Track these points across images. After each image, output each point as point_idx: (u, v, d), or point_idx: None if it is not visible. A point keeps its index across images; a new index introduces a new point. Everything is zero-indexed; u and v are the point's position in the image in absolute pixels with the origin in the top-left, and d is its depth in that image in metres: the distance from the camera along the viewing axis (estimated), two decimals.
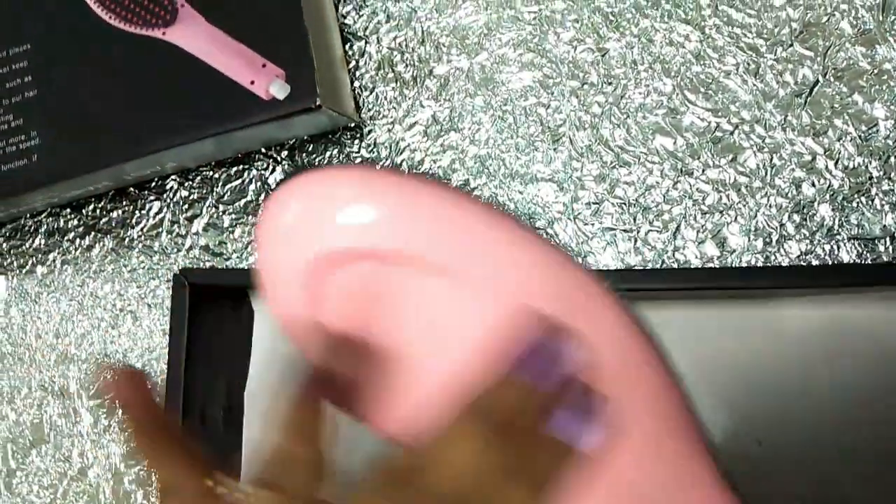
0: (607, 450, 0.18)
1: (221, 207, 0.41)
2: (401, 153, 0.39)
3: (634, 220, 0.36)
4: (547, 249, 0.18)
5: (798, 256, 0.34)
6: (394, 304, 0.18)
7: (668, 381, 0.19)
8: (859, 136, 0.34)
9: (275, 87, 0.35)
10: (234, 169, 0.41)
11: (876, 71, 0.34)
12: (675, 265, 0.35)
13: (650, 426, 0.18)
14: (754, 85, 0.35)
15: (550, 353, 0.17)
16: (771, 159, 0.35)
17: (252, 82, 0.35)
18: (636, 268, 0.35)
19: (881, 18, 0.34)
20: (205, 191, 0.42)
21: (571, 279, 0.18)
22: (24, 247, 0.45)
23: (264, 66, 0.35)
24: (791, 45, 0.35)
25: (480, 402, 0.17)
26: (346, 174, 0.17)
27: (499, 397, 0.17)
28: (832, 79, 0.34)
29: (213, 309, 0.37)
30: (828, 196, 0.34)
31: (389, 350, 0.18)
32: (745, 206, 0.35)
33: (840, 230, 0.34)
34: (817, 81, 0.35)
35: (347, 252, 0.17)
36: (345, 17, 0.40)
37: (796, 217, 0.34)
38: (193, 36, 0.36)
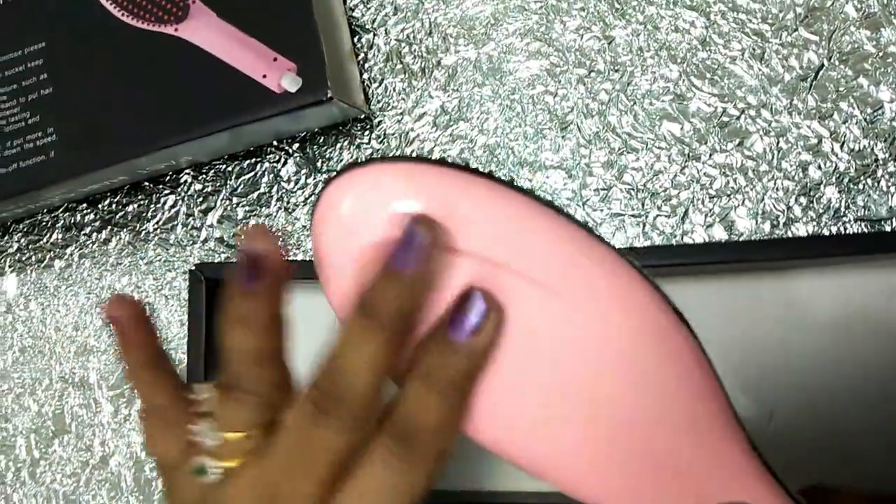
0: (492, 344, 0.18)
1: (235, 200, 0.42)
2: (410, 143, 0.40)
3: (643, 205, 0.36)
4: (582, 235, 0.18)
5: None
6: (438, 288, 0.19)
7: (701, 359, 0.19)
8: (865, 119, 0.34)
9: (287, 81, 0.35)
10: (247, 162, 0.42)
11: (881, 54, 0.34)
12: None
13: (686, 403, 0.19)
14: (760, 70, 0.35)
15: (413, 240, 0.18)
16: (777, 143, 0.35)
17: (264, 76, 0.35)
18: (644, 245, 0.36)
19: (886, 2, 0.34)
20: (218, 184, 0.42)
21: (607, 262, 0.18)
22: (41, 242, 0.46)
23: (276, 59, 0.35)
24: (796, 29, 0.35)
25: (364, 300, 0.18)
26: (395, 168, 0.18)
27: (379, 292, 0.18)
28: (837, 62, 0.35)
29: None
30: (834, 178, 0.34)
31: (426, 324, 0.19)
32: (752, 189, 0.35)
33: (846, 212, 0.34)
34: (822, 65, 0.35)
35: (394, 242, 0.18)
36: (353, 10, 0.41)
37: (803, 199, 0.35)
38: (205, 31, 0.36)
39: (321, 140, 0.41)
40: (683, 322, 0.19)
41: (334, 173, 0.19)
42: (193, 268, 0.37)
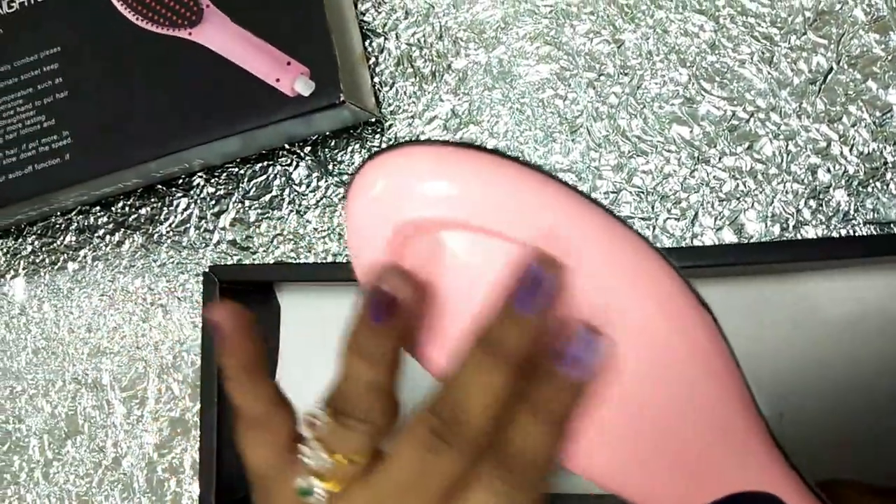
0: (602, 383, 0.19)
1: (247, 203, 0.42)
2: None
3: (652, 208, 0.36)
4: (614, 224, 0.19)
5: None
6: (464, 266, 0.19)
7: (731, 361, 0.20)
8: (874, 122, 0.34)
9: (300, 84, 0.35)
10: (259, 165, 0.42)
11: (890, 57, 0.35)
12: None
13: (712, 397, 0.19)
14: (769, 73, 0.36)
15: (541, 285, 0.18)
16: (786, 146, 0.35)
17: (277, 80, 0.36)
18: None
19: (894, 5, 0.35)
20: (231, 187, 0.43)
21: (641, 255, 0.19)
22: (55, 244, 0.46)
23: (289, 63, 0.36)
24: (805, 33, 0.35)
25: (487, 336, 0.19)
26: (427, 150, 0.18)
27: (502, 330, 0.19)
28: (846, 66, 0.35)
29: (242, 304, 0.38)
30: (843, 181, 0.35)
31: (453, 301, 0.19)
32: (761, 192, 0.35)
33: (856, 215, 0.34)
34: (831, 69, 0.35)
35: (425, 221, 0.18)
36: (364, 15, 0.41)
37: (812, 203, 0.35)
38: (219, 36, 0.37)
39: (332, 143, 0.41)
40: (713, 318, 0.19)
41: (369, 155, 0.19)
42: (207, 270, 0.37)
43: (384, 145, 0.40)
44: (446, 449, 0.18)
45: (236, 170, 0.43)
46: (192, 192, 0.43)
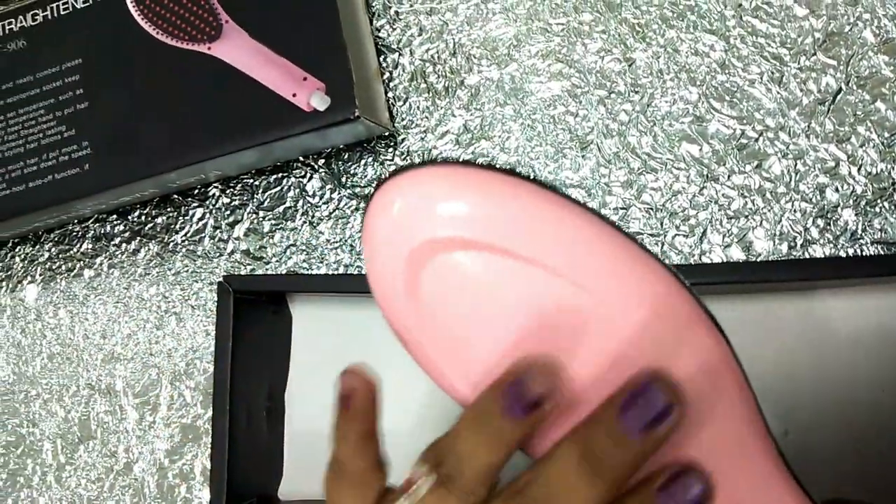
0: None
1: (261, 213, 0.43)
2: None
3: (661, 224, 0.37)
4: (633, 248, 0.19)
5: None
6: (481, 287, 0.19)
7: (743, 383, 0.20)
8: (882, 143, 0.35)
9: (316, 99, 0.36)
10: (274, 177, 0.43)
11: None
12: None
13: (719, 411, 0.19)
14: (778, 93, 0.36)
15: (655, 409, 0.18)
16: (795, 165, 0.36)
17: (294, 94, 0.36)
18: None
19: None
20: (245, 197, 0.43)
21: (661, 282, 0.19)
22: (71, 251, 0.47)
23: (305, 79, 0.37)
24: (814, 54, 0.36)
25: (585, 444, 0.18)
26: (443, 170, 0.19)
27: (601, 444, 0.18)
28: (855, 87, 0.35)
29: (255, 314, 0.39)
30: (851, 201, 0.35)
31: (471, 322, 0.20)
32: (769, 210, 0.36)
33: (863, 234, 0.35)
34: (840, 89, 0.35)
35: (442, 241, 0.19)
36: (379, 31, 0.42)
37: (820, 222, 0.35)
38: (237, 50, 0.38)
39: (346, 156, 0.42)
40: (726, 340, 0.20)
41: (387, 175, 0.19)
42: (221, 279, 0.38)
43: (397, 159, 0.41)
44: None
45: (251, 181, 0.43)
46: (207, 203, 0.44)
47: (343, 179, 0.42)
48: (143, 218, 0.45)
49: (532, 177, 0.19)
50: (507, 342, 0.19)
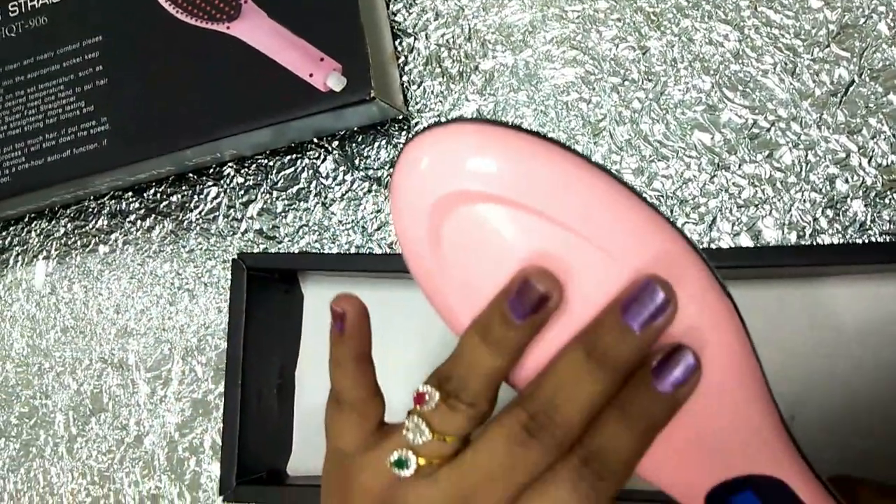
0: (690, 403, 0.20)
1: (275, 194, 0.43)
2: None
3: (672, 212, 0.37)
4: (653, 215, 0.20)
5: None
6: (501, 240, 0.20)
7: (749, 349, 0.20)
8: (893, 135, 0.35)
9: (332, 80, 0.37)
10: (288, 157, 0.43)
11: None
12: None
13: (726, 379, 0.20)
14: (791, 84, 0.36)
15: (653, 304, 0.19)
16: (806, 156, 0.36)
17: (311, 75, 0.37)
18: None
19: None
20: (260, 178, 0.44)
21: (678, 247, 0.20)
22: (87, 227, 0.47)
23: (322, 60, 0.37)
24: (828, 45, 0.36)
25: (595, 342, 0.19)
26: (472, 127, 0.19)
27: (611, 340, 0.19)
28: (868, 79, 0.35)
29: (268, 292, 0.39)
30: (861, 192, 0.35)
31: (489, 274, 0.20)
32: (779, 200, 0.36)
33: (872, 225, 0.35)
34: (853, 81, 0.36)
35: (467, 195, 0.19)
36: (395, 15, 0.42)
37: (829, 212, 0.35)
38: (256, 30, 0.38)
39: (360, 139, 0.42)
40: (737, 311, 0.20)
41: (417, 131, 0.20)
42: (235, 257, 0.38)
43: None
44: (536, 445, 0.19)
45: (266, 161, 0.44)
46: (222, 182, 0.45)
47: (356, 161, 0.42)
48: (158, 195, 0.46)
49: (560, 140, 0.20)
50: None
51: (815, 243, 0.35)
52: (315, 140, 0.43)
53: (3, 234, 0.49)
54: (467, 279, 0.20)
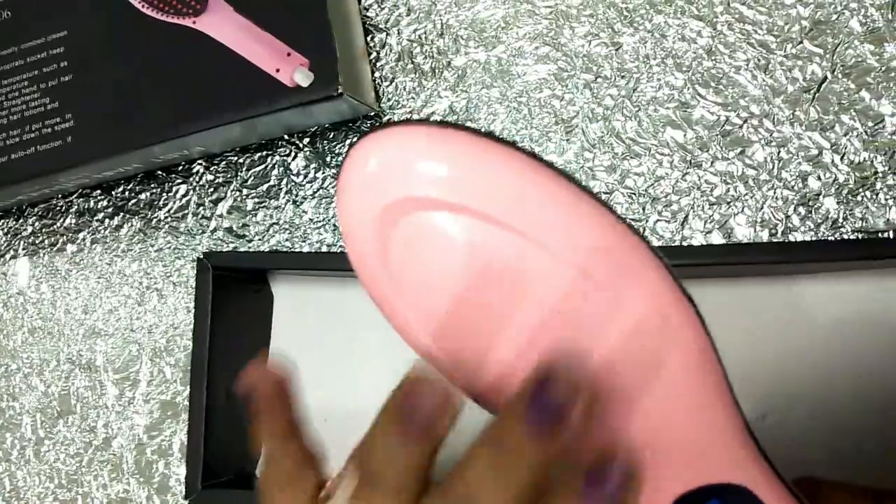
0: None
1: (245, 191, 0.43)
2: None
3: (644, 209, 0.37)
4: (603, 211, 0.19)
5: None
6: (450, 247, 0.19)
7: (710, 350, 0.20)
8: (865, 132, 0.35)
9: (299, 75, 0.36)
10: (258, 154, 0.43)
11: (884, 68, 0.35)
12: None
13: (686, 382, 0.19)
14: (764, 80, 0.36)
15: (556, 408, 0.17)
16: (778, 153, 0.36)
17: (277, 70, 0.36)
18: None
19: (890, 17, 0.35)
20: (229, 175, 0.43)
21: (631, 245, 0.19)
22: (55, 226, 0.47)
23: (289, 55, 0.36)
24: (801, 42, 0.36)
25: (495, 442, 0.18)
26: (421, 129, 0.19)
27: (511, 441, 0.18)
28: (840, 75, 0.35)
29: (237, 292, 0.39)
30: (833, 190, 0.35)
31: (437, 281, 0.20)
32: (752, 197, 0.36)
33: (844, 223, 0.35)
34: (825, 78, 0.35)
35: (417, 200, 0.19)
36: (367, 10, 0.42)
37: (802, 210, 0.35)
38: (222, 25, 0.37)
39: (331, 135, 0.42)
40: (696, 311, 0.20)
41: (363, 133, 0.19)
42: (201, 256, 0.37)
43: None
44: None
45: (235, 158, 0.43)
46: (191, 179, 0.44)
47: (328, 159, 0.42)
48: (126, 193, 0.45)
49: (512, 141, 0.19)
50: (466, 298, 0.20)
51: (786, 240, 0.35)
52: (286, 137, 0.42)
53: None
54: (416, 287, 0.20)
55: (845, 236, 0.34)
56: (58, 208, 0.47)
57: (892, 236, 0.34)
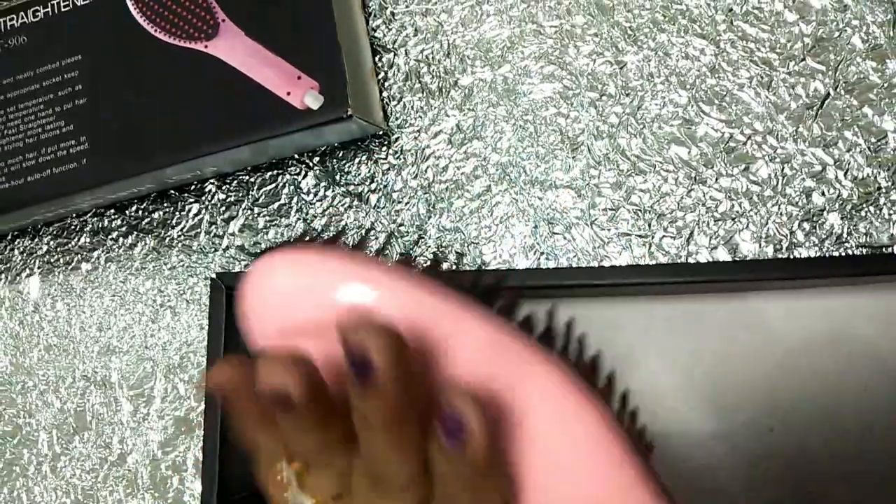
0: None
1: (256, 210, 0.43)
2: (426, 160, 0.41)
3: (649, 226, 0.37)
4: (479, 317, 0.20)
5: None
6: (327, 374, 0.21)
7: (609, 416, 0.20)
8: (868, 148, 0.35)
9: (309, 98, 0.37)
10: (269, 174, 0.44)
11: (886, 85, 0.35)
12: None
13: (596, 454, 0.20)
14: (767, 97, 0.36)
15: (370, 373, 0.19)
16: (782, 169, 0.36)
17: (288, 93, 0.37)
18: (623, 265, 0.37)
19: (892, 34, 0.35)
20: (241, 194, 0.44)
21: (518, 351, 0.20)
22: (70, 245, 0.47)
23: (299, 78, 0.37)
24: (803, 59, 0.36)
25: (360, 419, 0.20)
26: (284, 258, 0.21)
27: (363, 406, 0.19)
28: (843, 92, 0.36)
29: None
30: (837, 205, 0.35)
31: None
32: (756, 213, 0.36)
33: (848, 238, 0.35)
34: (828, 94, 0.36)
35: (313, 326, 0.20)
36: (375, 31, 0.42)
37: (806, 225, 0.36)
38: (234, 49, 0.38)
39: (341, 154, 0.42)
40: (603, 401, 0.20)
41: (260, 254, 0.21)
42: (214, 276, 0.38)
43: (391, 158, 0.42)
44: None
45: (247, 178, 0.44)
46: (203, 199, 0.45)
47: (337, 177, 0.42)
48: (140, 213, 0.46)
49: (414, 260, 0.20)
50: None
51: (791, 256, 0.35)
52: (296, 156, 0.43)
53: None
54: None
55: (850, 252, 0.35)
56: (72, 227, 0.47)
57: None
